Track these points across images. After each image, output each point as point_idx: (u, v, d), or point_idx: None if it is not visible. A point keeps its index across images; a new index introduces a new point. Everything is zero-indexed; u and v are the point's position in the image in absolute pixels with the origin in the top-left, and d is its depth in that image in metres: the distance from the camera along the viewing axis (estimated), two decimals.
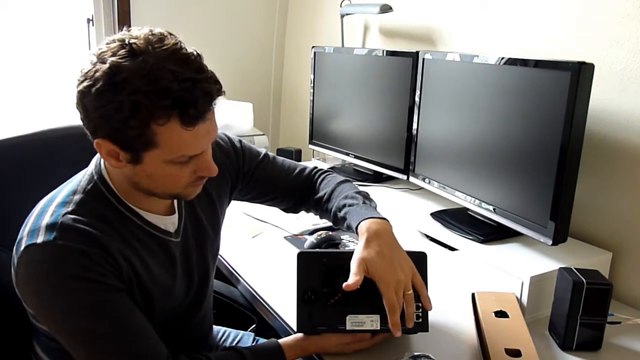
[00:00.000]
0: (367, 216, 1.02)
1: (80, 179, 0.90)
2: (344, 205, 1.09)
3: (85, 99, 0.77)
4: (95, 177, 0.89)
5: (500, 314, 1.09)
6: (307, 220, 1.63)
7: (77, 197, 0.86)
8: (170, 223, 0.97)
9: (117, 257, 0.84)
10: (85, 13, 2.13)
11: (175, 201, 1.00)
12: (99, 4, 2.12)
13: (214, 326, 1.29)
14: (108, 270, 0.83)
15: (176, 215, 0.99)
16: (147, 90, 0.74)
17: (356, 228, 1.02)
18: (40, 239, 0.80)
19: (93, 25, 2.14)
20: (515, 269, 1.17)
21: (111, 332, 0.84)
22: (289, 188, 1.18)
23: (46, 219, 0.83)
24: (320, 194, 1.16)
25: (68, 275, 0.79)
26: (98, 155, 0.91)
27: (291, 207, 1.21)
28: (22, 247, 0.82)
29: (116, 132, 0.78)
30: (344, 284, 0.94)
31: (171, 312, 0.98)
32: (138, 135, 0.78)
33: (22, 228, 0.86)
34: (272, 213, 1.68)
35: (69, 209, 0.84)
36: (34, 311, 0.87)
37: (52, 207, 0.85)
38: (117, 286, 0.84)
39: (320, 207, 1.16)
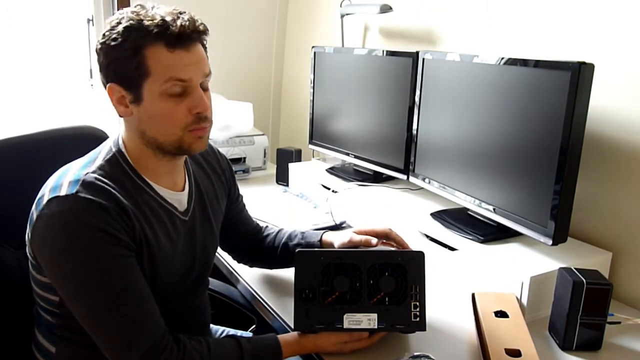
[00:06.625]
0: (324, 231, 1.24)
1: (99, 150, 0.98)
2: (296, 235, 1.24)
3: (98, 49, 0.91)
4: (113, 149, 0.97)
5: (500, 314, 1.10)
6: (307, 220, 1.63)
7: (97, 162, 0.94)
8: (177, 199, 1.02)
9: (131, 218, 0.90)
10: (85, 13, 2.13)
11: (187, 183, 1.05)
12: (99, 4, 2.12)
13: (213, 325, 1.30)
14: (122, 228, 0.88)
15: (186, 193, 1.04)
16: (137, 19, 0.89)
17: (320, 239, 1.20)
18: (63, 192, 0.87)
19: (93, 25, 2.14)
20: (515, 269, 1.17)
21: (116, 290, 0.87)
22: (252, 228, 1.29)
23: (69, 177, 0.90)
24: (268, 232, 1.29)
25: (86, 225, 0.85)
26: (115, 134, 1.00)
27: (245, 246, 1.29)
28: (45, 201, 0.87)
29: (117, 65, 0.89)
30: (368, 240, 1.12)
31: (171, 289, 1.01)
32: (131, 59, 0.88)
33: (41, 189, 0.91)
34: (272, 213, 1.68)
35: (91, 169, 0.92)
36: (44, 265, 0.89)
37: (73, 169, 0.92)
38: (130, 245, 0.89)
39: (267, 242, 1.26)
